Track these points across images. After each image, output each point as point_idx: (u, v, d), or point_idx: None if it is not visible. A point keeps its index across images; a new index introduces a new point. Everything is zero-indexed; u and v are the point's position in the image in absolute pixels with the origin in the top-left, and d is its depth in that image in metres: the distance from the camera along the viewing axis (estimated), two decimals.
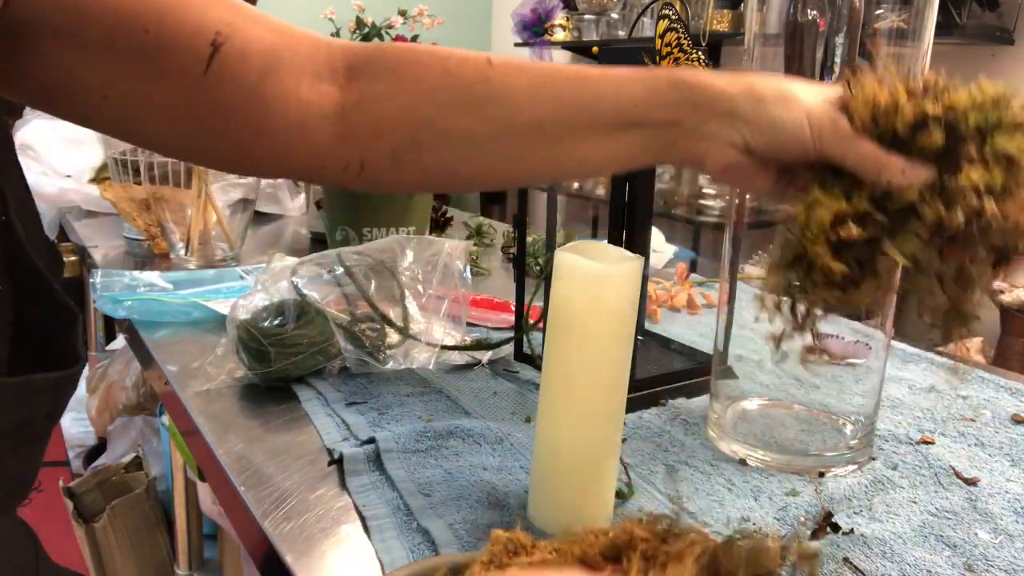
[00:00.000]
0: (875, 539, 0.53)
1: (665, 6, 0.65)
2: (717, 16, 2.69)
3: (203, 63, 0.43)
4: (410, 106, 0.48)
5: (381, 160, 0.49)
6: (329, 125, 0.48)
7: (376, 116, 0.48)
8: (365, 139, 0.48)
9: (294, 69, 0.47)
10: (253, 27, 0.45)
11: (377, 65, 0.49)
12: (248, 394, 0.75)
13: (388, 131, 0.48)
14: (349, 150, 0.49)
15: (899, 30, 0.57)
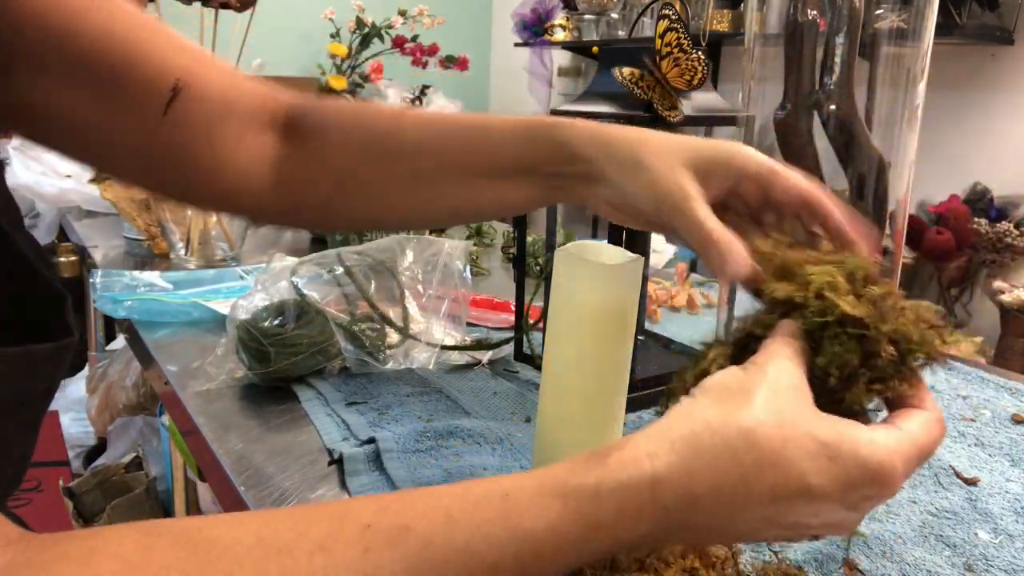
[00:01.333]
0: (875, 539, 0.53)
1: (665, 6, 0.65)
2: (717, 16, 2.68)
3: (163, 105, 0.46)
4: (336, 158, 0.53)
5: (313, 206, 0.54)
6: (269, 173, 0.52)
7: (308, 167, 0.53)
8: (299, 187, 0.53)
9: (244, 119, 0.51)
10: (211, 76, 0.49)
11: (311, 121, 0.54)
12: (248, 394, 0.75)
13: (318, 181, 0.53)
14: (285, 196, 0.53)
15: (899, 30, 0.57)
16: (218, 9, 1.08)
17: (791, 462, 0.32)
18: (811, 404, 0.34)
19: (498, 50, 4.43)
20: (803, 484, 0.32)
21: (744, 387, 0.34)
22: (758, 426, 0.33)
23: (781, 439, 0.32)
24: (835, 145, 0.61)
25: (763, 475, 0.32)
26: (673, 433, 0.34)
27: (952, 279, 2.36)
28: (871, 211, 0.62)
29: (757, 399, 0.33)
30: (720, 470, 0.32)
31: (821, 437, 0.33)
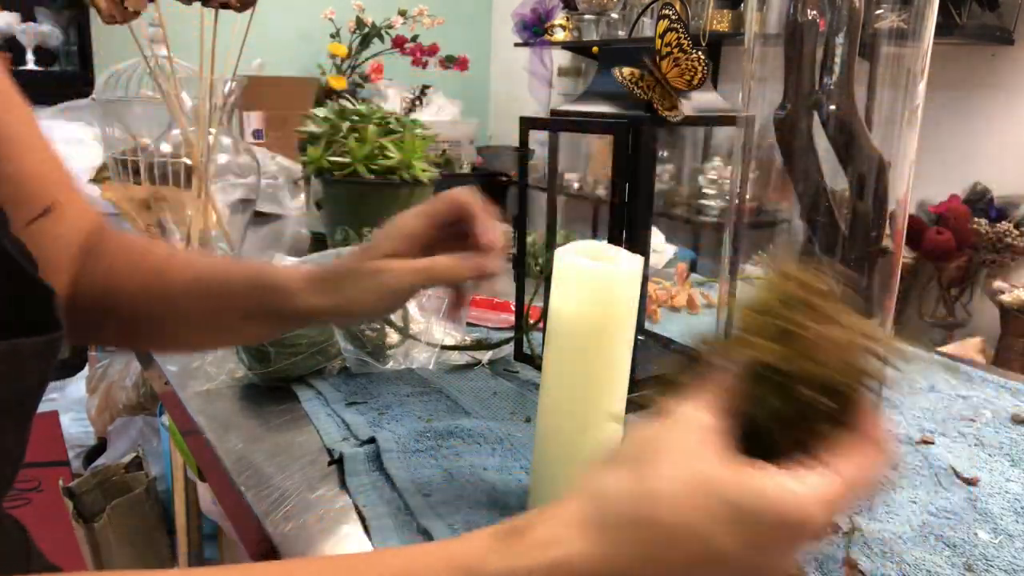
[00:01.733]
0: (875, 539, 0.53)
1: (665, 6, 0.65)
2: (717, 16, 2.68)
3: (31, 217, 0.51)
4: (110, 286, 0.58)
5: (91, 320, 0.58)
6: (69, 291, 0.57)
7: (89, 287, 0.57)
8: (80, 305, 0.57)
9: (78, 248, 0.57)
10: (76, 208, 0.57)
11: (104, 246, 0.59)
12: (248, 394, 0.75)
13: (97, 296, 0.57)
14: (73, 310, 0.56)
15: (899, 30, 0.57)
16: (218, 9, 1.08)
17: (697, 530, 0.32)
18: (718, 457, 0.33)
19: (498, 50, 4.43)
20: (713, 549, 0.32)
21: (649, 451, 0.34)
22: (661, 499, 0.32)
23: (688, 507, 0.32)
24: (835, 145, 0.61)
25: (674, 547, 0.32)
26: (583, 515, 0.33)
27: (952, 279, 2.36)
28: (871, 211, 0.62)
29: (662, 467, 0.33)
30: (629, 552, 0.32)
31: (727, 497, 0.32)
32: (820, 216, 0.63)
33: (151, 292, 0.59)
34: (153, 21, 1.26)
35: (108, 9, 0.98)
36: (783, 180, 0.64)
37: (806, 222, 0.64)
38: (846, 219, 0.63)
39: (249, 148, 1.30)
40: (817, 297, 0.34)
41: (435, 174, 1.14)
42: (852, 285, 0.38)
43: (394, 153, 1.10)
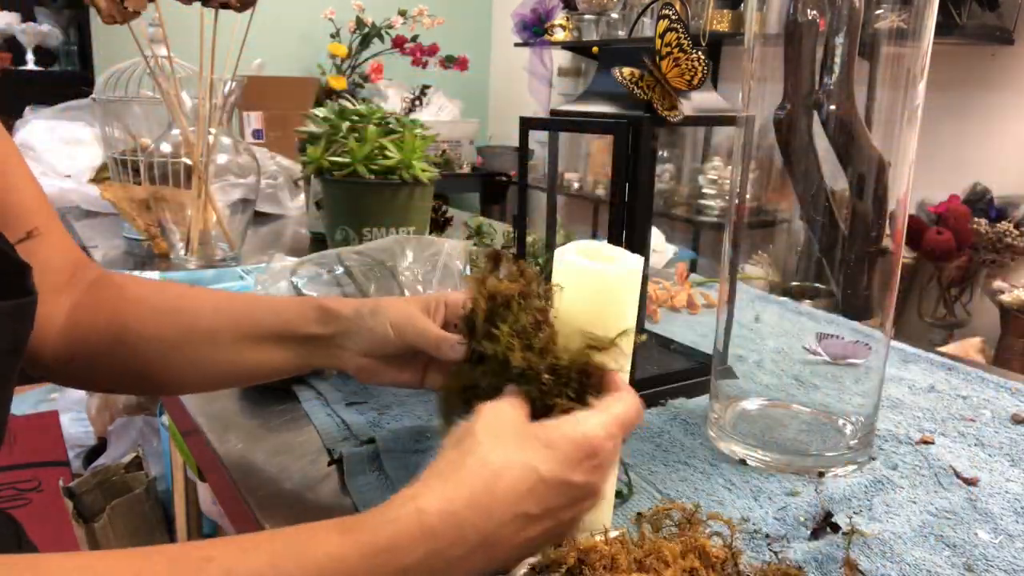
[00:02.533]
0: (875, 539, 0.53)
1: (665, 6, 0.65)
2: (717, 16, 2.69)
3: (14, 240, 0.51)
4: (120, 313, 0.58)
5: (86, 357, 0.58)
6: (60, 323, 0.57)
7: (94, 317, 0.58)
8: (80, 335, 0.58)
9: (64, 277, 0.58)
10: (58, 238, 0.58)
11: (112, 279, 0.61)
12: (248, 394, 0.75)
13: (99, 331, 0.58)
14: (64, 347, 0.58)
15: (899, 30, 0.57)
16: (218, 9, 1.08)
17: (521, 461, 0.40)
18: (525, 422, 0.43)
19: (498, 50, 4.43)
20: (536, 474, 0.40)
21: (468, 431, 0.43)
22: (488, 445, 0.41)
23: (510, 446, 0.41)
24: (835, 145, 0.61)
25: (503, 478, 0.39)
26: (424, 478, 0.40)
27: (952, 279, 2.36)
28: (871, 211, 0.62)
29: (480, 434, 0.42)
30: (468, 486, 0.39)
31: (539, 436, 0.42)
32: (820, 216, 0.63)
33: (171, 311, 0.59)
34: (153, 21, 1.26)
35: (108, 9, 0.98)
36: (783, 180, 0.64)
37: (806, 222, 0.64)
38: (846, 219, 0.63)
39: (249, 148, 1.30)
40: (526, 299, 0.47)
41: (435, 174, 1.14)
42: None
43: (394, 153, 1.10)
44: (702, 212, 3.03)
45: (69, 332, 0.58)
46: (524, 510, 0.40)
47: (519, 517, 0.40)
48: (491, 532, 0.39)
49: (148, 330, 0.58)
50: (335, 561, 0.36)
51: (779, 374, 0.70)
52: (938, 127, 2.50)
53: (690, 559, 0.45)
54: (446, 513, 0.38)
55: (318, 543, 0.36)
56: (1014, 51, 2.32)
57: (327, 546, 0.36)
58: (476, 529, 0.38)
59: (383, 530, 0.37)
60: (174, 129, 1.21)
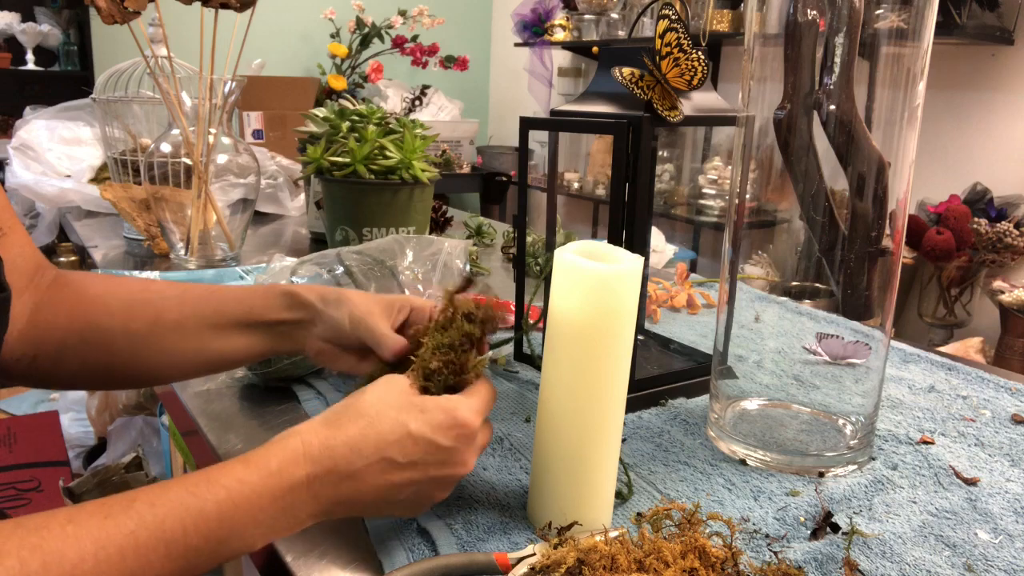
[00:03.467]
0: (875, 539, 0.53)
1: (665, 6, 0.65)
2: (717, 16, 2.69)
3: None
4: (84, 308, 0.59)
5: (50, 353, 0.59)
6: (21, 323, 0.57)
7: (55, 315, 0.59)
8: (42, 334, 0.58)
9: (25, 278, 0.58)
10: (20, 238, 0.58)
11: (72, 276, 0.61)
12: (248, 394, 0.75)
13: (62, 327, 0.58)
14: (26, 345, 0.58)
15: (899, 30, 0.57)
16: (218, 9, 1.08)
17: (395, 416, 0.48)
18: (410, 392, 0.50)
19: (498, 50, 4.43)
20: (405, 428, 0.47)
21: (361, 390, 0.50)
22: (370, 402, 0.48)
23: (389, 404, 0.48)
24: (835, 145, 0.61)
25: (375, 426, 0.47)
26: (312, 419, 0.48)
27: (952, 279, 2.36)
28: (871, 211, 0.62)
29: (368, 393, 0.49)
30: (347, 429, 0.47)
31: (415, 401, 0.49)
32: (820, 216, 0.63)
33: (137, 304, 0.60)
34: (153, 21, 1.26)
35: (108, 9, 0.98)
36: (783, 180, 0.64)
37: (806, 222, 0.64)
38: (846, 219, 0.63)
39: (249, 148, 1.30)
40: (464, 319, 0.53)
41: (435, 174, 1.14)
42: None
43: (394, 153, 1.10)
44: (702, 212, 3.03)
45: (29, 332, 0.58)
46: (390, 455, 0.47)
47: (384, 461, 0.47)
48: (359, 468, 0.46)
49: (116, 324, 0.59)
50: (240, 483, 0.43)
51: (779, 374, 0.70)
52: (938, 127, 2.50)
53: (690, 559, 0.45)
54: (323, 446, 0.46)
55: (224, 472, 0.43)
56: (1014, 51, 2.32)
57: (232, 473, 0.43)
58: (347, 461, 0.46)
59: (274, 456, 0.45)
60: (174, 129, 1.21)
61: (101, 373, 0.61)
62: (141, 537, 0.39)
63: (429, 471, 0.48)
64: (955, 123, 2.47)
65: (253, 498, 0.43)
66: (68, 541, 0.37)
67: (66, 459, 2.04)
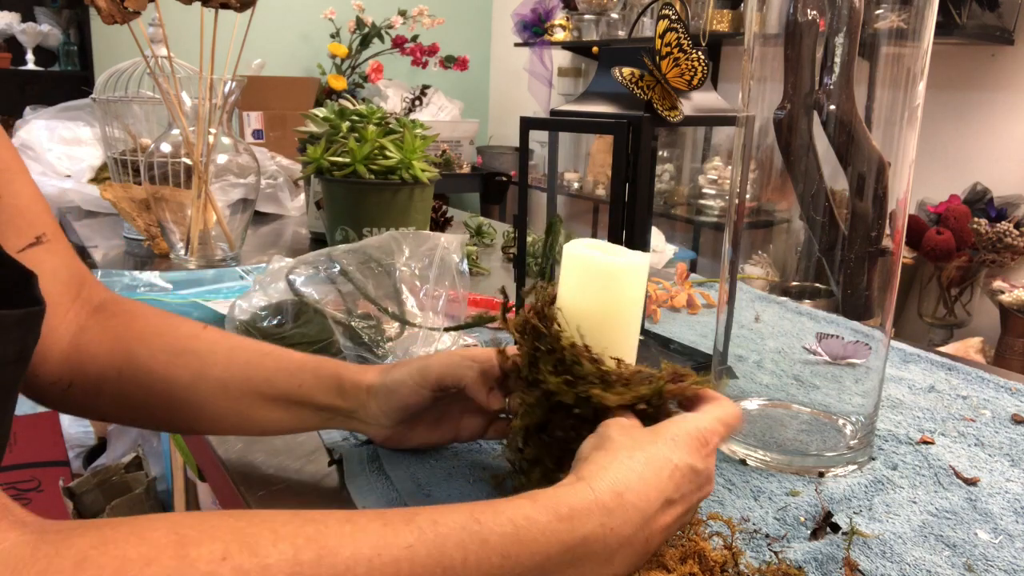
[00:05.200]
0: (875, 539, 0.53)
1: (665, 6, 0.65)
2: (717, 16, 2.68)
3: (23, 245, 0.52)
4: (127, 342, 0.56)
5: (87, 384, 0.56)
6: (64, 343, 0.55)
7: (98, 344, 0.56)
8: (82, 361, 0.56)
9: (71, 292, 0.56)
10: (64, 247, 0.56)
11: (120, 305, 0.59)
12: None
13: (102, 359, 0.56)
14: (66, 370, 0.56)
15: (899, 30, 0.57)
16: (218, 9, 1.08)
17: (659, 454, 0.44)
18: (643, 427, 0.47)
19: (498, 50, 4.43)
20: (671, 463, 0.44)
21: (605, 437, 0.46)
22: (629, 446, 0.44)
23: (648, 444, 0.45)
24: (835, 145, 0.61)
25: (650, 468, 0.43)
26: (582, 470, 0.44)
27: (952, 279, 2.36)
28: (871, 211, 0.62)
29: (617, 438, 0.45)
30: (626, 475, 0.43)
31: (662, 432, 0.46)
32: (820, 216, 0.63)
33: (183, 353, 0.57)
34: (153, 21, 1.26)
35: (108, 9, 0.98)
36: (783, 180, 0.64)
37: (806, 222, 0.64)
38: (846, 219, 0.63)
39: (249, 148, 1.30)
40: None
41: (435, 174, 1.14)
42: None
43: (394, 153, 1.10)
44: (702, 212, 3.03)
45: (71, 356, 0.56)
46: (668, 495, 0.43)
47: (665, 502, 0.43)
48: (649, 516, 0.43)
49: (158, 368, 0.56)
50: (528, 520, 0.39)
51: (779, 374, 0.69)
52: (938, 127, 2.50)
53: (689, 563, 0.45)
54: (615, 493, 0.42)
55: (511, 505, 0.40)
56: (1014, 51, 2.32)
57: (520, 508, 0.40)
58: (638, 510, 0.42)
59: (563, 501, 0.41)
60: (174, 129, 1.21)
61: (137, 413, 0.59)
62: (419, 553, 0.36)
63: (692, 498, 0.45)
64: (955, 123, 2.47)
65: (541, 541, 0.39)
66: (345, 540, 0.35)
67: (66, 459, 2.04)
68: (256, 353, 0.58)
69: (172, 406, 0.57)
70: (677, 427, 0.46)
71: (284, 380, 0.57)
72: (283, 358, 0.58)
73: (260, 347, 0.59)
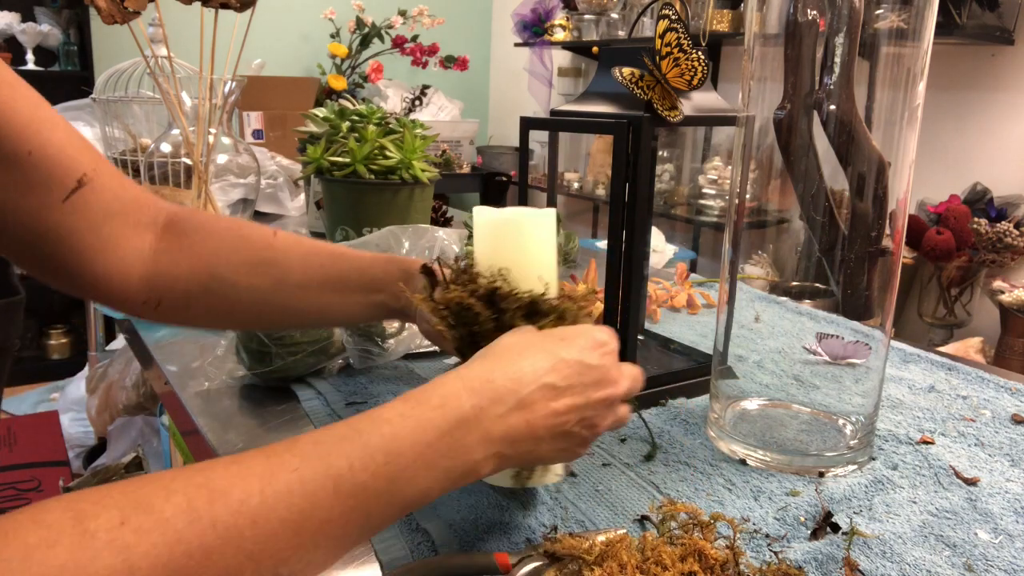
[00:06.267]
0: (875, 539, 0.53)
1: (665, 6, 0.65)
2: (717, 16, 2.68)
3: (66, 193, 0.52)
4: (206, 259, 0.60)
5: (176, 300, 0.60)
6: (142, 266, 0.58)
7: (177, 264, 0.59)
8: (166, 281, 0.59)
9: (129, 218, 0.58)
10: (110, 179, 0.56)
11: (189, 223, 0.61)
12: (248, 394, 0.75)
13: (184, 277, 0.59)
14: (151, 289, 0.59)
15: (899, 30, 0.57)
16: (218, 9, 1.08)
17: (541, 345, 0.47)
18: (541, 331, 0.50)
19: (498, 50, 4.43)
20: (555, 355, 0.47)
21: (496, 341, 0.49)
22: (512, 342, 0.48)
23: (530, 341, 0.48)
24: (835, 145, 0.61)
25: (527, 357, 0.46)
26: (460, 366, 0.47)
27: (952, 279, 2.36)
28: (871, 211, 0.62)
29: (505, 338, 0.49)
30: (499, 363, 0.46)
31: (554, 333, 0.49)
32: (820, 216, 0.63)
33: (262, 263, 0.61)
34: (153, 21, 1.26)
35: (108, 9, 0.98)
36: (783, 180, 0.64)
37: (806, 222, 0.64)
38: (846, 219, 0.63)
39: (249, 148, 1.30)
40: None
41: (435, 174, 1.14)
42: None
43: (394, 153, 1.10)
44: (702, 212, 3.03)
45: (153, 279, 0.59)
46: (550, 381, 0.46)
47: (546, 387, 0.46)
48: (524, 396, 0.45)
49: (240, 279, 0.60)
50: (403, 416, 0.41)
51: (779, 374, 0.69)
52: (938, 127, 2.50)
53: (690, 563, 0.45)
54: (483, 379, 0.45)
55: (388, 407, 0.42)
56: (1014, 51, 2.32)
57: (395, 408, 0.42)
58: (510, 391, 0.45)
59: (434, 393, 0.43)
60: (174, 129, 1.21)
61: (227, 319, 0.64)
62: (306, 473, 0.37)
63: (588, 393, 0.47)
64: (955, 123, 2.47)
65: (418, 432, 0.41)
66: (233, 479, 0.36)
67: (66, 459, 2.04)
68: (328, 256, 0.64)
69: (258, 310, 0.62)
70: (571, 328, 0.50)
71: (357, 276, 0.63)
72: (352, 255, 0.65)
73: (331, 249, 0.65)
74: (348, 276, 0.63)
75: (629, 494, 0.58)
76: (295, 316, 0.64)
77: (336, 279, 0.63)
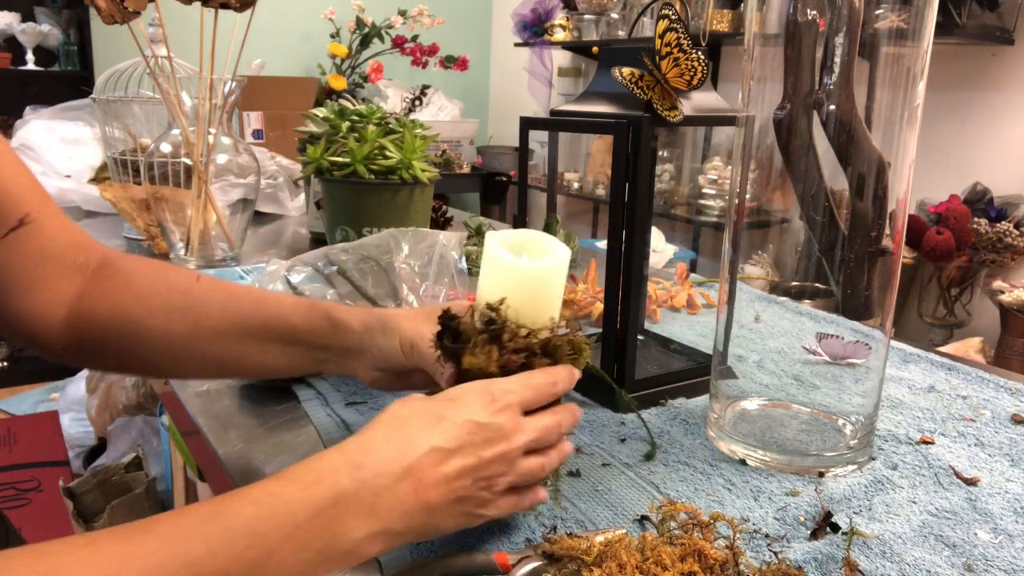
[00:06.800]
0: (875, 539, 0.53)
1: (665, 6, 0.65)
2: (717, 16, 2.68)
3: (5, 230, 0.52)
4: (127, 303, 0.59)
5: (94, 345, 0.59)
6: (64, 310, 0.58)
7: (98, 307, 0.58)
8: (85, 325, 0.58)
9: (65, 261, 0.57)
10: (52, 219, 0.56)
11: (117, 266, 0.60)
12: (248, 394, 0.75)
13: (103, 321, 0.58)
14: (71, 333, 0.58)
15: (899, 30, 0.57)
16: (218, 9, 1.08)
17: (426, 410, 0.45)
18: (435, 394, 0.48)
19: (498, 50, 4.43)
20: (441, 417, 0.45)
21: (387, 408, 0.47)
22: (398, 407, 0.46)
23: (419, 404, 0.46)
24: (835, 145, 0.61)
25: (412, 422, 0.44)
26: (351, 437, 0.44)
27: (952, 279, 2.36)
28: (871, 211, 0.62)
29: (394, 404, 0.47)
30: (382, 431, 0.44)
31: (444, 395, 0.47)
32: (820, 216, 0.63)
33: (179, 308, 0.59)
34: (153, 21, 1.26)
35: (108, 9, 0.98)
36: (783, 180, 0.64)
37: (806, 222, 0.64)
38: (846, 219, 0.63)
39: (249, 148, 1.30)
40: None
41: (435, 174, 1.14)
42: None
43: (394, 153, 1.10)
44: (702, 212, 3.03)
45: (74, 322, 0.58)
46: (439, 444, 0.43)
47: (434, 451, 0.43)
48: (410, 463, 0.42)
49: (157, 324, 0.58)
50: (271, 495, 0.39)
51: (779, 374, 0.69)
52: (938, 127, 2.50)
53: (689, 563, 0.45)
54: (365, 450, 0.42)
55: (259, 485, 0.40)
56: (1014, 51, 2.32)
57: (265, 485, 0.40)
58: (394, 460, 0.42)
59: (310, 469, 0.41)
60: (174, 129, 1.21)
61: (142, 365, 0.62)
62: (163, 558, 0.35)
63: (479, 452, 0.44)
64: (955, 123, 2.47)
65: (287, 512, 0.38)
66: (81, 567, 0.34)
67: (66, 459, 2.04)
68: (249, 302, 0.61)
69: (175, 356, 0.59)
70: (461, 388, 0.47)
71: (276, 323, 0.60)
72: (274, 301, 0.61)
73: (253, 294, 0.62)
74: (268, 323, 0.60)
75: (629, 494, 0.58)
76: (214, 364, 0.61)
77: (257, 326, 0.59)
